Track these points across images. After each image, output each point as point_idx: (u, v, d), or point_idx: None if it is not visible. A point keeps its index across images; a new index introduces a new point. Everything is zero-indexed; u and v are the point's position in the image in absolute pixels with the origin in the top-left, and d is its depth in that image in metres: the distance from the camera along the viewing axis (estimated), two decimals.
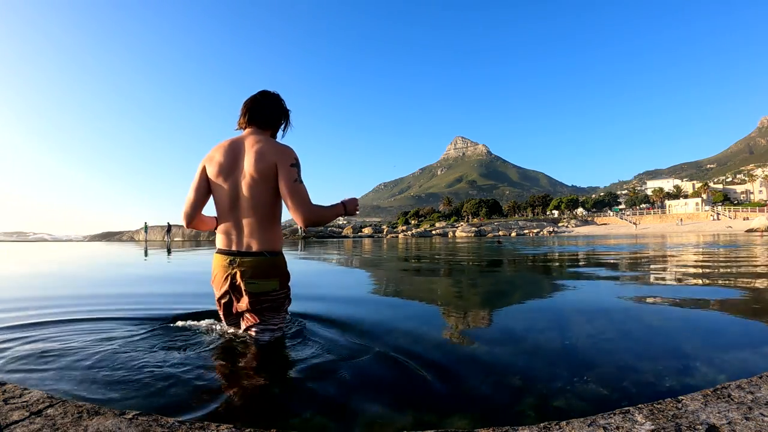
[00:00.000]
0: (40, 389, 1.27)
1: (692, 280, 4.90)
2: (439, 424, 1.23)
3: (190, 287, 4.54)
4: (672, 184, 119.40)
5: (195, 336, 2.09)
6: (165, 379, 1.52)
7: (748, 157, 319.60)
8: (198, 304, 2.91)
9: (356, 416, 1.31)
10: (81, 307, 3.01)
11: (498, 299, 3.85)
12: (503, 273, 6.34)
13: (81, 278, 5.72)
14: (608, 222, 79.46)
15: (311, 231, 69.33)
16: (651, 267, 6.82)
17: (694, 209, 74.98)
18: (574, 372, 1.69)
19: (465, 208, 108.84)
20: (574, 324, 2.62)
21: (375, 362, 1.78)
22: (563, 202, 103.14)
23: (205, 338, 2.05)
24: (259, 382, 1.54)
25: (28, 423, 1.04)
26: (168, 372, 1.58)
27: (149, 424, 1.07)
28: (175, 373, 1.57)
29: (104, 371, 1.59)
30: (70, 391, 1.39)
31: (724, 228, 46.06)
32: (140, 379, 1.51)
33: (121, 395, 1.38)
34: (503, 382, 1.59)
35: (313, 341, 2.06)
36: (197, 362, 1.71)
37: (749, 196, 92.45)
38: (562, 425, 1.09)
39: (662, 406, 1.18)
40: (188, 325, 2.28)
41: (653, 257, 8.88)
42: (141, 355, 1.79)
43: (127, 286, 4.76)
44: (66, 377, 1.54)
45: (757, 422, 1.03)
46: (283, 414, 1.31)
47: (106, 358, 1.74)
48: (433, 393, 1.48)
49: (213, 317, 2.30)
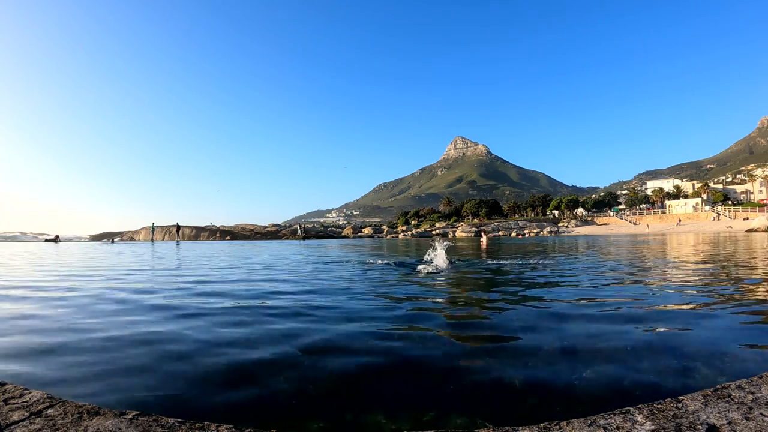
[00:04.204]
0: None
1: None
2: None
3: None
4: (672, 184, 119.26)
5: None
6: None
7: (748, 157, 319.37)
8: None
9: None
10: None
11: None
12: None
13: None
14: (608, 222, 79.37)
15: (311, 231, 69.18)
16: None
17: (694, 209, 74.91)
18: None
19: (465, 208, 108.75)
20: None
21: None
22: (563, 202, 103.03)
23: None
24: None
25: (28, 423, 1.04)
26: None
27: (149, 424, 1.07)
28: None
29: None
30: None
31: (725, 228, 46.01)
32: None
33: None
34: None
35: None
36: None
37: (749, 196, 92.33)
38: (562, 425, 1.09)
39: (662, 406, 1.18)
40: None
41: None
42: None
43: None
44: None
45: (757, 422, 1.02)
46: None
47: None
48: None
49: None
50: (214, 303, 3.89)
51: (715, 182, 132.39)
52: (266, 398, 1.64)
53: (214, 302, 3.94)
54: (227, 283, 5.69)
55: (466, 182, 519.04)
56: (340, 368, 1.96)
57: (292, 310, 3.45)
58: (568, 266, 7.52)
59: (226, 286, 5.35)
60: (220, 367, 2.00)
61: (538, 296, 3.99)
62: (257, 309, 3.51)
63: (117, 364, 2.07)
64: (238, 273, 7.09)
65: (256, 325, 2.92)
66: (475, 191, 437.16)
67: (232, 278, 6.26)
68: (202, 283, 5.64)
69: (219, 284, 5.56)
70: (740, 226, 45.46)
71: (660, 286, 4.69)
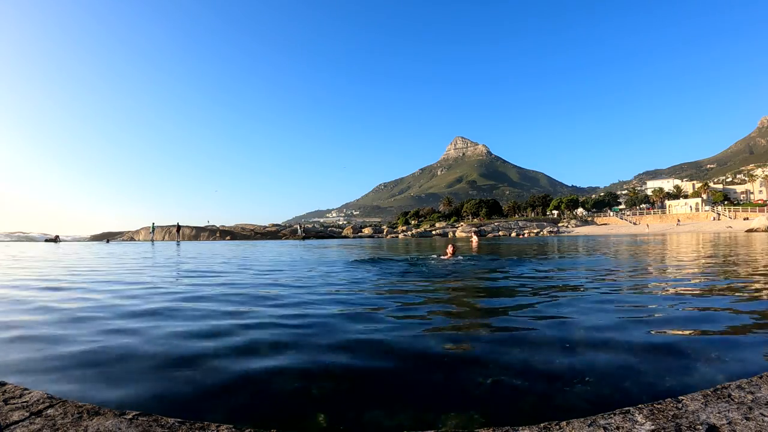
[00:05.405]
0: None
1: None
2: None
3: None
4: (672, 184, 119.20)
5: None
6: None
7: (748, 157, 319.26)
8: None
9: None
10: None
11: None
12: None
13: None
14: (608, 222, 79.38)
15: (311, 231, 69.18)
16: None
17: (694, 209, 74.89)
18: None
19: (465, 208, 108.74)
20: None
21: None
22: (563, 202, 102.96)
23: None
24: None
25: (28, 423, 1.04)
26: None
27: (149, 424, 1.07)
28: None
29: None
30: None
31: (725, 228, 46.00)
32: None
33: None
34: None
35: None
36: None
37: (749, 196, 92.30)
38: (562, 425, 1.09)
39: (662, 406, 1.17)
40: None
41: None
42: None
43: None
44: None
45: (757, 422, 1.02)
46: None
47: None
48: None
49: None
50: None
51: (715, 182, 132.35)
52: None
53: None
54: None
55: (466, 182, 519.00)
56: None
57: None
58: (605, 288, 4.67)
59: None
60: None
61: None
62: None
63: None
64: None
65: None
66: (475, 191, 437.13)
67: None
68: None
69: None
70: (740, 226, 45.44)
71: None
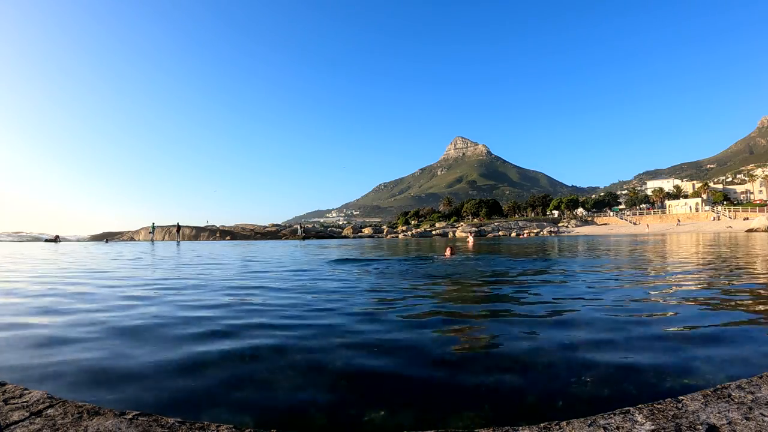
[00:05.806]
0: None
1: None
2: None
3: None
4: (672, 184, 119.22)
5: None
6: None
7: (748, 157, 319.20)
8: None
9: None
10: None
11: None
12: None
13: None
14: (608, 222, 79.39)
15: (311, 231, 69.18)
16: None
17: (694, 209, 74.90)
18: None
19: (465, 208, 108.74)
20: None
21: None
22: (563, 202, 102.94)
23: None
24: None
25: (28, 423, 1.04)
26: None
27: (149, 424, 1.07)
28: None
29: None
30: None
31: (725, 228, 46.00)
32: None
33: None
34: None
35: None
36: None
37: (749, 196, 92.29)
38: (562, 425, 1.09)
39: (662, 406, 1.17)
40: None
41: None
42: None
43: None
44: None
45: (757, 422, 1.02)
46: None
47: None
48: None
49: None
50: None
51: (715, 182, 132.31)
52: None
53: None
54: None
55: (466, 182, 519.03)
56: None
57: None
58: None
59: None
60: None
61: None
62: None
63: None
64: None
65: None
66: (475, 191, 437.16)
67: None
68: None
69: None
70: (740, 226, 45.44)
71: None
